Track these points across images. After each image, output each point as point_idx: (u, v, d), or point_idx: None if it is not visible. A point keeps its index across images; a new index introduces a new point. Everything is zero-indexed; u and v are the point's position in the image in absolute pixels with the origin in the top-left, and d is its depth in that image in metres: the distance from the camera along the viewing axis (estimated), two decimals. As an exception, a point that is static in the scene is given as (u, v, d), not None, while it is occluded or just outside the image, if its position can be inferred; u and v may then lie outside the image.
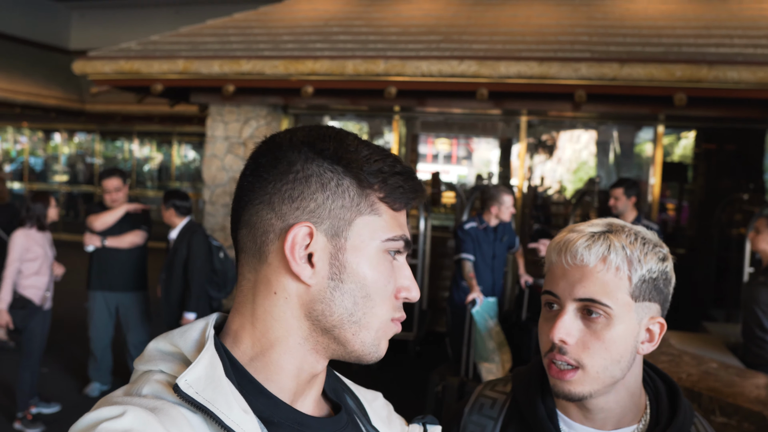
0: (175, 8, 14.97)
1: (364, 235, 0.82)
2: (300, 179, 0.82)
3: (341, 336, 0.83)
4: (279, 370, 0.83)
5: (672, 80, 5.98)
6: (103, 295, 5.40)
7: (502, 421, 1.30)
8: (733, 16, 7.12)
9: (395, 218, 0.86)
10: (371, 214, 0.83)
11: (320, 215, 0.81)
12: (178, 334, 0.83)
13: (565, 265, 1.14)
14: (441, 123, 11.10)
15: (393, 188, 0.84)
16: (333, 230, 0.82)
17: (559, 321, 1.11)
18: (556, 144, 13.45)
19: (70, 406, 5.33)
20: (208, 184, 7.75)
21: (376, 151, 0.85)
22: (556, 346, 1.12)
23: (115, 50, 7.66)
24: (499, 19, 7.52)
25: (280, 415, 0.82)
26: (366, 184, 0.83)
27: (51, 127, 16.60)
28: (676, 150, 11.82)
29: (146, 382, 0.78)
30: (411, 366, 6.70)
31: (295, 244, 0.80)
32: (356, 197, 0.82)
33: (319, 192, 0.81)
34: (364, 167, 0.82)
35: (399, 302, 0.87)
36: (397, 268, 0.86)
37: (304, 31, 7.59)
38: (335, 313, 0.81)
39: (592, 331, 1.11)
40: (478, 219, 5.48)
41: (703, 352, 3.96)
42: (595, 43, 6.65)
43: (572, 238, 1.14)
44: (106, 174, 5.33)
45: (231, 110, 7.66)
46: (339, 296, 0.81)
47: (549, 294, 1.16)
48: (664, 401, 1.22)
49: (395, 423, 1.04)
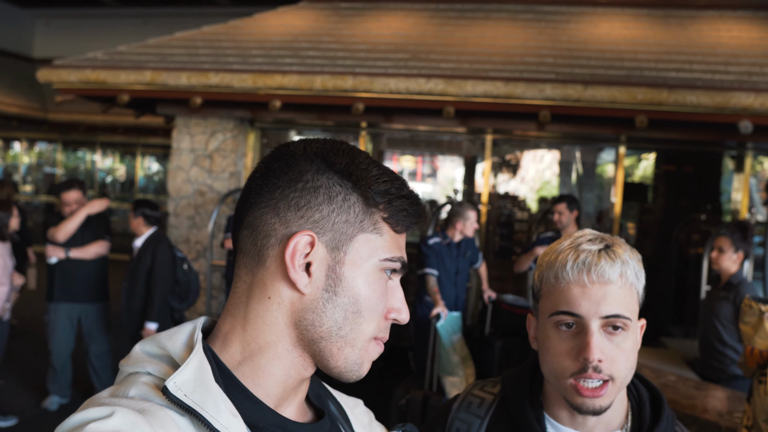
0: (143, 19, 14.86)
1: (363, 252, 0.84)
2: (309, 189, 0.83)
3: (326, 349, 0.83)
4: (266, 375, 0.83)
5: (633, 103, 6.12)
6: (66, 307, 5.32)
7: (489, 420, 1.32)
8: (692, 42, 7.33)
9: (395, 240, 0.87)
10: (373, 232, 0.85)
11: (323, 226, 0.83)
12: (165, 336, 0.83)
13: (587, 284, 1.14)
14: (407, 140, 11.18)
15: (397, 210, 0.86)
16: (334, 243, 0.83)
17: (592, 341, 1.12)
18: (520, 163, 13.62)
19: (27, 419, 5.23)
20: (172, 196, 7.70)
21: (386, 173, 0.87)
22: (590, 366, 1.12)
23: (81, 59, 7.60)
24: (466, 39, 7.63)
25: (265, 420, 0.82)
26: (372, 203, 0.84)
27: (11, 135, 16.32)
28: (637, 171, 12.06)
29: (133, 384, 0.78)
30: (374, 379, 6.70)
31: (296, 252, 0.81)
32: (361, 214, 0.84)
33: (325, 204, 0.83)
34: (373, 186, 0.84)
35: (387, 323, 0.88)
36: (390, 288, 0.88)
37: (273, 46, 7.61)
38: (324, 325, 0.82)
39: (616, 344, 1.14)
40: (441, 234, 5.54)
41: (662, 366, 4.05)
42: (559, 65, 6.78)
43: (590, 257, 1.15)
44: (65, 186, 5.24)
45: (198, 123, 7.63)
46: (331, 308, 0.82)
47: (568, 314, 1.15)
48: (646, 408, 1.25)
49: (376, 430, 1.05)
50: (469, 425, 1.34)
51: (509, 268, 7.21)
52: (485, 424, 1.33)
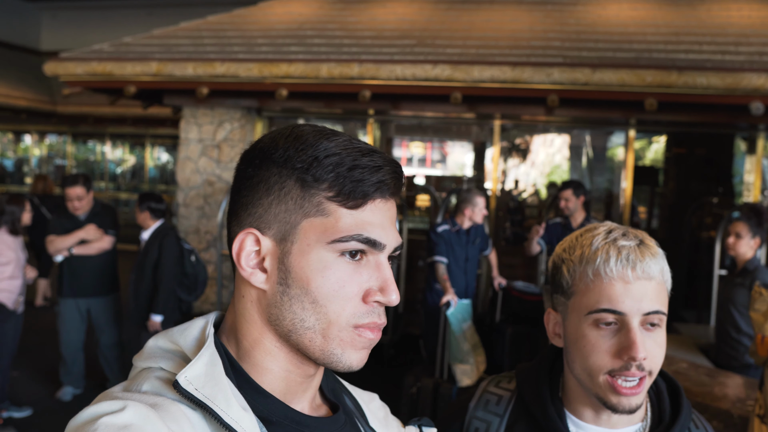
0: (148, 10, 14.85)
1: (310, 238, 0.80)
2: (251, 186, 0.83)
3: (299, 342, 0.81)
4: (265, 371, 0.83)
5: (643, 85, 6.06)
6: (75, 302, 5.35)
7: (508, 418, 1.30)
8: (701, 23, 7.24)
9: (351, 217, 0.80)
10: (317, 215, 0.80)
11: (267, 220, 0.81)
12: (178, 331, 0.83)
13: (631, 280, 1.11)
14: (415, 126, 11.15)
15: (347, 183, 0.79)
16: (281, 234, 0.81)
17: (637, 339, 1.09)
18: (530, 148, 13.56)
19: (41, 410, 5.27)
20: (181, 187, 7.71)
21: (338, 145, 0.81)
22: (634, 364, 1.09)
23: (87, 51, 7.59)
24: (472, 24, 7.57)
25: (278, 414, 0.82)
26: (311, 185, 0.80)
27: (21, 128, 16.38)
28: (648, 154, 11.98)
29: (146, 379, 0.78)
30: (385, 368, 6.71)
31: (242, 250, 0.81)
32: (300, 199, 0.80)
33: (265, 197, 0.81)
34: (313, 166, 0.79)
35: (370, 307, 0.82)
36: (365, 269, 0.82)
37: (279, 35, 7.58)
38: (287, 318, 0.80)
39: (653, 340, 1.12)
40: (450, 222, 5.51)
41: (674, 353, 4.02)
42: (567, 48, 6.72)
43: (632, 253, 1.12)
44: (70, 181, 5.24)
45: (205, 113, 7.62)
46: (287, 301, 0.80)
47: (610, 312, 1.12)
48: (665, 400, 1.24)
49: (392, 424, 1.04)
50: (488, 424, 1.31)
51: (520, 254, 7.18)
52: (504, 422, 1.30)
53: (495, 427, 1.31)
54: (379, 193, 0.82)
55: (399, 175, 0.84)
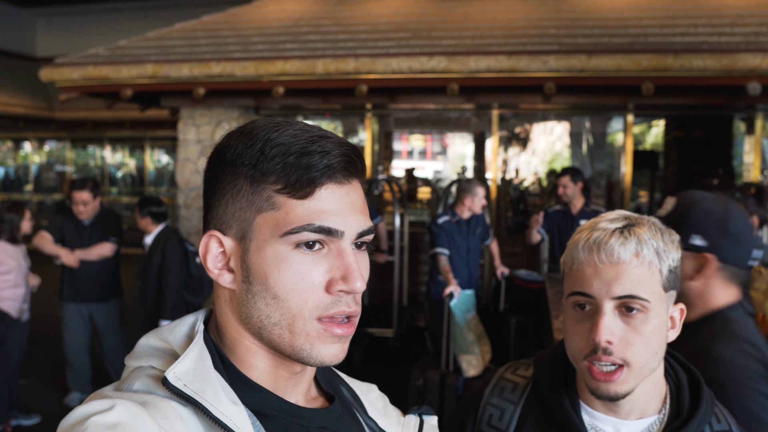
0: (142, 12, 14.85)
1: (265, 233, 0.79)
2: (210, 188, 0.84)
3: (270, 339, 0.81)
4: (251, 367, 0.83)
5: (639, 70, 6.06)
6: (77, 307, 5.36)
7: (522, 406, 1.30)
8: (696, 5, 7.23)
9: (301, 207, 0.78)
10: (269, 209, 0.79)
11: (227, 221, 0.82)
12: (168, 329, 0.83)
13: (598, 264, 1.11)
14: (414, 119, 11.15)
15: (292, 174, 0.78)
16: (240, 233, 0.81)
17: (601, 322, 1.09)
18: (530, 136, 13.55)
19: (50, 417, 5.29)
20: (182, 188, 7.72)
21: (288, 136, 0.79)
22: (600, 348, 1.10)
23: (82, 56, 7.59)
24: (467, 15, 7.56)
25: (272, 407, 0.82)
26: (260, 179, 0.79)
27: (20, 136, 16.40)
28: (648, 138, 11.97)
29: (137, 378, 0.78)
30: (392, 361, 6.73)
31: (207, 252, 0.82)
32: (250, 195, 0.79)
33: (221, 198, 0.82)
34: (260, 160, 0.78)
35: (336, 297, 0.80)
36: (324, 259, 0.80)
37: (274, 32, 7.58)
38: (254, 316, 0.80)
39: (632, 327, 1.10)
40: (450, 213, 5.53)
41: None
42: (562, 35, 6.71)
43: (601, 236, 1.12)
44: (78, 185, 5.26)
45: (202, 113, 7.63)
46: (252, 298, 0.80)
47: (581, 295, 1.13)
48: (685, 392, 1.21)
49: (391, 414, 1.03)
50: (502, 411, 1.31)
51: (521, 243, 7.19)
52: (519, 409, 1.30)
53: (509, 414, 1.30)
54: (329, 178, 0.79)
55: (350, 156, 0.81)
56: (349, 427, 0.91)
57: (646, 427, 1.19)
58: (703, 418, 1.17)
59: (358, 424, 0.94)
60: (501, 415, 1.31)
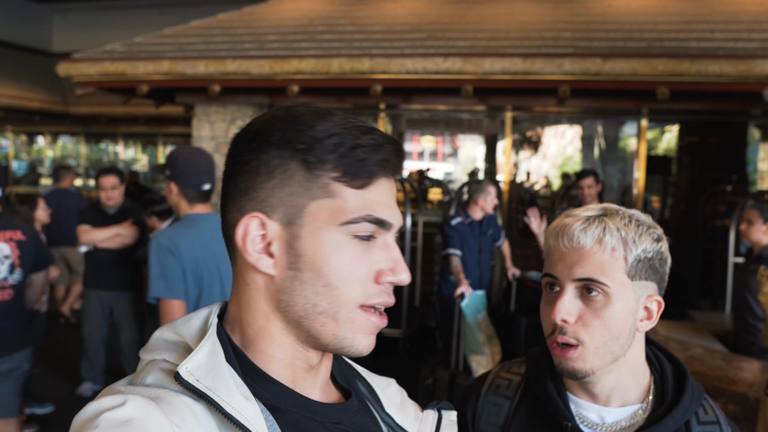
0: (159, 9, 14.92)
1: (320, 220, 0.79)
2: (250, 170, 0.81)
3: (311, 328, 0.80)
4: (270, 359, 0.82)
5: (654, 74, 6.04)
6: (98, 294, 5.38)
7: (517, 401, 1.33)
8: (713, 10, 7.21)
9: (359, 197, 0.80)
10: (325, 197, 0.79)
11: (272, 204, 0.80)
12: (181, 322, 0.82)
13: (562, 248, 1.18)
14: (426, 120, 11.16)
15: (351, 163, 0.79)
16: (287, 218, 0.79)
17: (559, 302, 1.15)
18: (541, 140, 13.53)
19: (63, 406, 5.34)
20: (195, 185, 7.74)
21: (337, 125, 0.80)
22: (557, 327, 1.16)
23: (99, 52, 7.64)
24: (482, 16, 7.57)
25: (287, 402, 0.81)
26: (316, 166, 0.78)
27: (35, 130, 16.49)
28: (660, 144, 11.93)
29: (150, 372, 0.77)
30: (401, 360, 6.74)
31: (246, 235, 0.80)
32: (305, 181, 0.79)
33: (266, 181, 0.80)
34: (315, 146, 0.78)
35: (382, 287, 0.81)
36: (375, 249, 0.81)
37: (289, 31, 7.60)
38: (298, 304, 0.79)
39: (592, 309, 1.15)
40: (463, 214, 5.54)
41: (689, 339, 4.02)
42: (578, 38, 6.71)
43: (569, 223, 1.19)
44: (104, 172, 5.32)
45: (217, 110, 7.66)
46: (299, 286, 0.79)
47: (549, 276, 1.20)
48: (669, 381, 1.24)
49: (409, 409, 1.02)
50: (499, 407, 1.34)
51: (532, 245, 7.18)
52: (513, 404, 1.33)
53: (505, 409, 1.33)
54: (383, 172, 0.81)
55: (400, 152, 0.83)
56: (364, 423, 0.90)
57: (629, 415, 1.22)
58: (689, 406, 1.18)
59: (374, 419, 0.94)
60: (498, 412, 1.34)
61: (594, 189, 5.64)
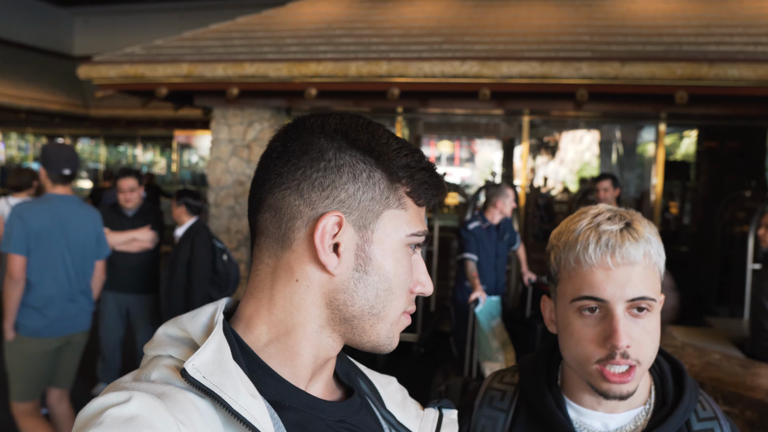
0: (178, 13, 15.03)
1: (389, 229, 0.83)
2: (332, 168, 0.81)
3: (359, 326, 0.84)
4: (295, 356, 0.83)
5: (673, 78, 6.01)
6: (114, 296, 5.42)
7: (513, 412, 1.29)
8: (733, 14, 7.15)
9: (418, 213, 0.87)
10: (398, 207, 0.84)
11: (350, 206, 0.81)
12: (187, 318, 0.83)
13: (611, 267, 1.09)
14: (443, 124, 11.13)
15: (419, 184, 0.85)
16: (361, 222, 0.82)
17: (619, 327, 1.08)
18: (559, 145, 13.48)
19: (78, 406, 5.35)
20: (212, 187, 7.80)
21: (405, 146, 0.85)
22: (618, 353, 1.08)
23: (119, 55, 7.72)
24: (500, 20, 7.56)
25: (292, 399, 0.81)
26: (396, 178, 0.83)
27: (55, 132, 16.67)
28: (679, 149, 11.85)
29: (155, 367, 0.77)
30: (416, 364, 6.73)
31: (324, 233, 0.80)
32: (386, 190, 0.83)
33: (350, 182, 0.81)
34: (394, 160, 0.83)
35: (413, 296, 0.88)
36: (414, 262, 0.88)
37: (307, 34, 7.64)
38: (356, 304, 0.82)
39: (641, 326, 1.10)
40: (480, 218, 5.52)
41: (707, 346, 3.99)
42: (596, 42, 6.68)
43: (611, 238, 1.10)
44: (122, 173, 5.37)
45: (235, 113, 7.70)
46: (363, 288, 0.82)
47: (592, 299, 1.10)
48: (669, 382, 1.22)
49: (410, 407, 1.03)
50: (494, 421, 1.30)
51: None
52: (510, 416, 1.29)
53: (501, 422, 1.29)
54: (437, 198, 0.89)
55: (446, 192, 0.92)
56: (366, 421, 0.91)
57: (632, 418, 1.20)
58: (689, 405, 1.17)
59: (375, 417, 0.94)
60: (494, 426, 1.30)
61: (611, 193, 5.62)
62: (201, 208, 5.14)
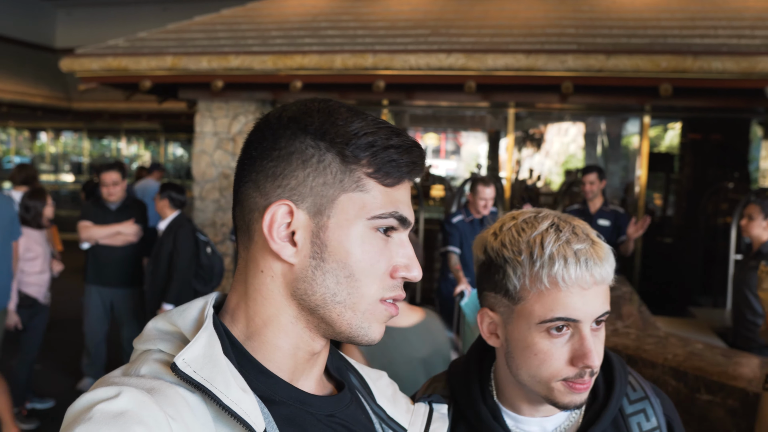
0: (162, 5, 14.92)
1: (348, 213, 0.80)
2: (282, 156, 0.81)
3: (327, 316, 0.81)
4: (274, 349, 0.82)
5: (657, 71, 6.04)
6: (98, 290, 5.40)
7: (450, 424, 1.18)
8: (717, 7, 7.20)
9: (387, 194, 0.82)
10: (356, 190, 0.80)
11: (302, 193, 0.80)
12: (177, 313, 0.82)
13: (588, 287, 1.04)
14: (429, 117, 11.17)
15: (384, 162, 0.81)
16: (315, 208, 0.80)
17: (591, 347, 1.04)
18: (544, 137, 13.53)
19: (63, 401, 5.35)
20: (197, 180, 7.76)
21: (370, 124, 0.81)
22: (587, 372, 1.05)
23: (102, 47, 7.65)
24: (486, 13, 7.56)
25: (281, 394, 0.81)
26: (351, 160, 0.80)
27: (37, 125, 16.53)
28: (663, 141, 11.92)
29: (144, 362, 0.77)
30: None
31: (273, 222, 0.80)
32: (339, 174, 0.80)
33: (299, 169, 0.80)
34: (351, 142, 0.80)
35: (396, 281, 0.84)
36: (393, 245, 0.84)
37: (293, 26, 7.61)
38: (317, 293, 0.80)
39: (599, 338, 1.08)
40: (464, 212, 5.53)
41: (690, 335, 4.03)
42: (581, 35, 6.71)
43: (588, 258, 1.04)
44: (106, 167, 5.33)
45: (220, 106, 7.67)
46: (320, 275, 0.80)
47: (563, 320, 1.05)
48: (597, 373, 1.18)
49: (400, 402, 1.03)
50: None
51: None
52: None
53: None
54: (410, 175, 0.84)
55: (424, 156, 0.86)
56: (356, 416, 0.91)
57: (566, 417, 1.18)
58: (620, 395, 1.16)
59: (365, 412, 0.94)
60: None
61: (597, 185, 5.65)
62: (185, 202, 5.12)
